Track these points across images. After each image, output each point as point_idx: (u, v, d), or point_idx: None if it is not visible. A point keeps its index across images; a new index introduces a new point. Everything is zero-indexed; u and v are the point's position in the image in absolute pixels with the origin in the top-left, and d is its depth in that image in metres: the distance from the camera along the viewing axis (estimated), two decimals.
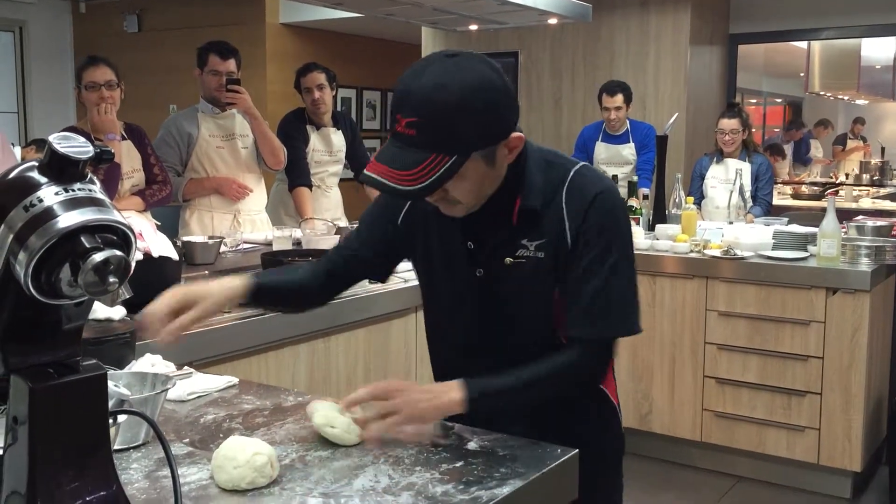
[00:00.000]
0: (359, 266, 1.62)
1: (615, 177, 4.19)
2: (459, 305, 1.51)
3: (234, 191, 3.75)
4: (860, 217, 4.31)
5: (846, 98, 10.14)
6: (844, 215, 3.95)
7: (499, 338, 1.49)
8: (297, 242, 3.38)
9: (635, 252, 1.50)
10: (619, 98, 4.76)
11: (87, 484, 0.92)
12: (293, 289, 1.61)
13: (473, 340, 1.52)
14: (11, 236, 0.86)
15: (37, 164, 0.89)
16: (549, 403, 1.49)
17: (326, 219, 3.90)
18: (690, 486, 3.63)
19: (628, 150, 4.87)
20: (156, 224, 3.00)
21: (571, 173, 1.43)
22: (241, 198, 3.79)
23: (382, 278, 1.71)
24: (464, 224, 1.44)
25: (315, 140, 4.16)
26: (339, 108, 5.94)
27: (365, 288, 2.69)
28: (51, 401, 0.91)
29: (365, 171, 1.31)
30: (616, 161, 4.88)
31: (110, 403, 1.00)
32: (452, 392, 1.35)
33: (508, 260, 1.43)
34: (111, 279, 0.87)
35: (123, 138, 3.39)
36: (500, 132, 1.32)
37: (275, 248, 3.26)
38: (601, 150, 4.91)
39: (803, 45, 8.89)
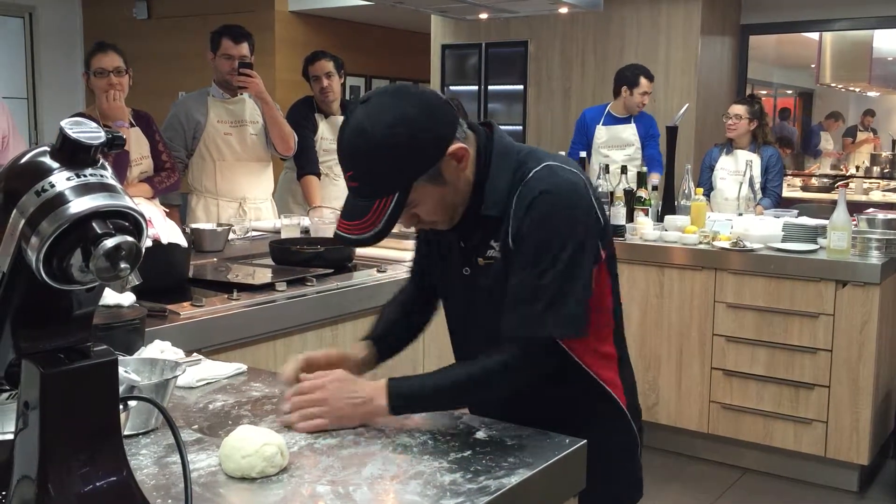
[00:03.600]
0: (424, 281, 1.69)
1: (607, 167, 4.09)
2: (452, 299, 1.60)
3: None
4: (871, 210, 4.29)
5: (857, 90, 10.07)
6: (855, 208, 3.92)
7: (486, 330, 1.51)
8: (305, 230, 3.38)
9: (644, 243, 1.50)
10: (652, 85, 4.76)
11: (98, 469, 0.92)
12: (409, 331, 1.70)
13: (467, 331, 1.60)
14: (23, 221, 0.86)
15: (48, 148, 0.89)
16: (550, 402, 1.50)
17: (334, 207, 3.88)
18: (696, 477, 3.63)
19: (630, 132, 4.83)
20: (164, 211, 3.00)
21: (530, 174, 1.42)
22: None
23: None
24: (455, 226, 1.50)
25: (323, 128, 4.16)
26: (347, 97, 5.94)
27: (373, 276, 2.70)
28: (62, 386, 0.91)
29: (335, 230, 1.42)
30: (616, 143, 4.83)
31: (121, 389, 1.00)
32: (378, 398, 1.39)
33: (480, 260, 1.49)
34: (122, 265, 0.87)
35: (132, 125, 3.39)
36: (431, 156, 1.35)
37: (283, 235, 3.27)
38: (602, 133, 4.86)
39: (815, 36, 8.83)
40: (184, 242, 2.40)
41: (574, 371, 1.51)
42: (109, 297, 1.74)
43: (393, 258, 2.93)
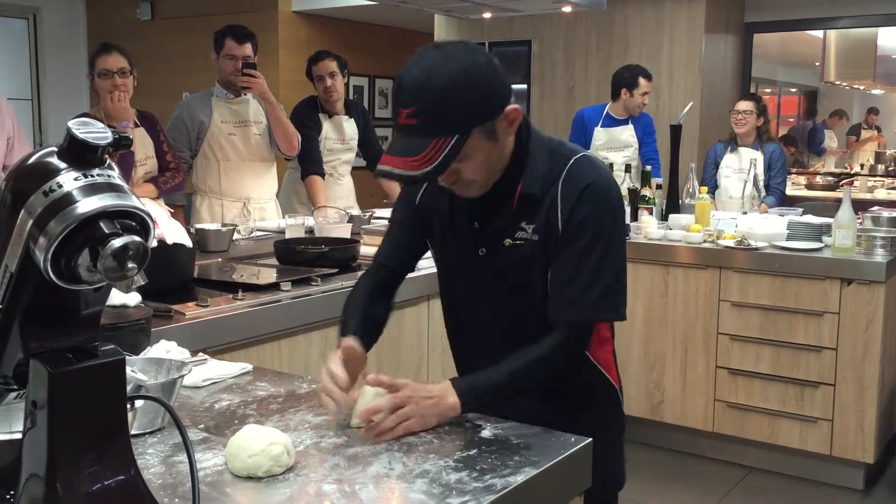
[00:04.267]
0: (402, 270, 1.71)
1: (611, 165, 4.09)
2: (463, 281, 1.61)
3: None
4: (875, 208, 4.29)
5: (862, 88, 10.04)
6: (859, 206, 3.92)
7: (497, 313, 1.57)
8: (310, 230, 3.38)
9: (649, 242, 1.54)
10: (651, 84, 4.74)
11: (106, 468, 0.93)
12: (379, 319, 1.67)
13: (476, 313, 1.61)
14: (31, 221, 0.86)
15: (56, 149, 0.90)
16: (553, 391, 1.57)
17: (339, 207, 3.90)
18: (701, 476, 3.62)
19: (628, 133, 4.82)
20: (169, 211, 3.01)
21: (571, 162, 1.50)
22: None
23: (412, 270, 1.76)
24: (471, 206, 1.53)
25: (327, 128, 4.16)
26: (351, 97, 5.94)
27: None
28: (70, 385, 0.91)
29: (378, 166, 1.39)
30: (615, 145, 4.81)
31: (128, 389, 1.01)
32: (450, 397, 1.41)
33: (508, 241, 1.52)
34: (130, 265, 0.87)
35: (136, 125, 3.40)
36: (494, 107, 1.40)
37: (287, 235, 3.27)
38: (600, 135, 4.84)
39: (819, 34, 8.80)
40: (189, 243, 2.41)
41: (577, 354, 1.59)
42: (115, 297, 1.74)
43: None
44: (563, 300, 1.48)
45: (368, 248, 3.07)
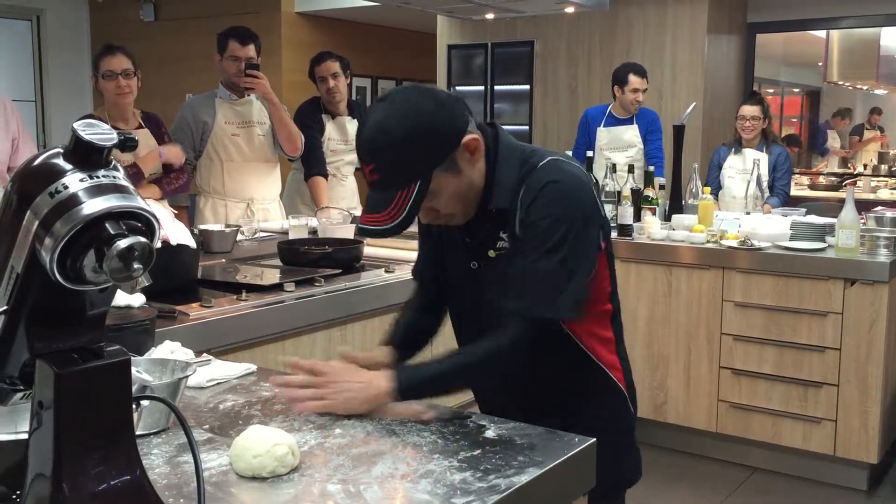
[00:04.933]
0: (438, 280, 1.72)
1: (614, 166, 4.06)
2: (461, 294, 1.64)
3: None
4: (879, 208, 4.28)
5: (865, 88, 10.03)
6: (862, 206, 3.91)
7: (496, 323, 1.55)
8: (313, 231, 3.38)
9: (652, 242, 1.54)
10: (646, 81, 4.72)
11: (112, 468, 0.93)
12: (424, 329, 1.72)
13: (476, 325, 1.61)
14: (37, 222, 0.86)
15: (62, 150, 0.90)
16: (554, 386, 1.59)
17: (342, 207, 3.90)
18: (705, 476, 3.62)
19: (631, 133, 4.80)
20: (173, 212, 3.01)
21: (536, 168, 1.51)
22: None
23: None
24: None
25: (330, 129, 4.17)
26: (353, 97, 5.94)
27: (381, 277, 2.70)
28: (76, 386, 0.91)
29: (359, 225, 1.48)
30: (617, 145, 4.80)
31: (133, 389, 1.01)
32: (382, 383, 1.43)
33: (491, 252, 1.55)
34: (136, 266, 0.87)
35: (140, 127, 3.41)
36: (449, 145, 1.43)
37: (291, 236, 3.27)
38: (602, 135, 4.83)
39: (822, 34, 8.79)
40: (193, 243, 2.41)
41: (577, 355, 1.60)
42: (120, 298, 1.75)
43: (401, 258, 2.93)
44: (518, 297, 1.48)
45: (371, 249, 3.08)
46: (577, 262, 1.48)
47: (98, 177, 0.88)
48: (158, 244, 0.93)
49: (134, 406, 0.99)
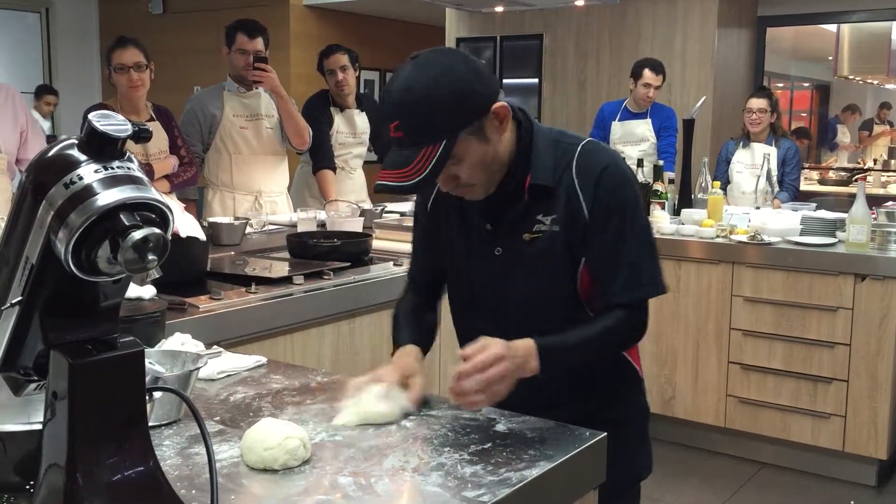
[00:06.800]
0: (435, 278, 1.71)
1: (625, 159, 4.07)
2: (481, 285, 1.59)
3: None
4: (890, 203, 4.24)
5: (875, 82, 9.97)
6: (873, 201, 3.89)
7: (521, 314, 1.55)
8: (322, 224, 3.39)
9: (661, 237, 1.55)
10: (661, 77, 4.71)
11: (125, 458, 0.93)
12: (429, 328, 1.69)
13: (492, 314, 1.58)
14: (52, 213, 0.86)
15: (76, 141, 0.90)
16: (578, 374, 1.57)
17: (350, 200, 3.90)
18: (713, 471, 3.62)
19: (644, 128, 4.79)
20: (182, 206, 3.02)
21: (578, 149, 1.52)
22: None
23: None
24: (482, 207, 1.53)
25: (339, 122, 4.17)
26: (362, 90, 5.94)
27: (389, 270, 2.70)
28: (90, 376, 0.91)
29: (376, 181, 1.42)
30: (630, 139, 4.79)
31: (146, 380, 1.01)
32: (531, 360, 1.40)
33: (526, 236, 1.51)
34: (150, 257, 0.87)
35: (152, 119, 3.41)
36: (478, 109, 1.40)
37: (299, 229, 3.28)
38: (616, 129, 4.83)
39: (832, 28, 8.74)
40: (202, 236, 2.42)
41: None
42: (131, 290, 1.75)
43: (409, 252, 2.93)
44: (622, 283, 1.49)
45: (380, 242, 3.08)
46: (650, 239, 1.54)
47: (113, 168, 0.88)
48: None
49: (147, 397, 0.99)
